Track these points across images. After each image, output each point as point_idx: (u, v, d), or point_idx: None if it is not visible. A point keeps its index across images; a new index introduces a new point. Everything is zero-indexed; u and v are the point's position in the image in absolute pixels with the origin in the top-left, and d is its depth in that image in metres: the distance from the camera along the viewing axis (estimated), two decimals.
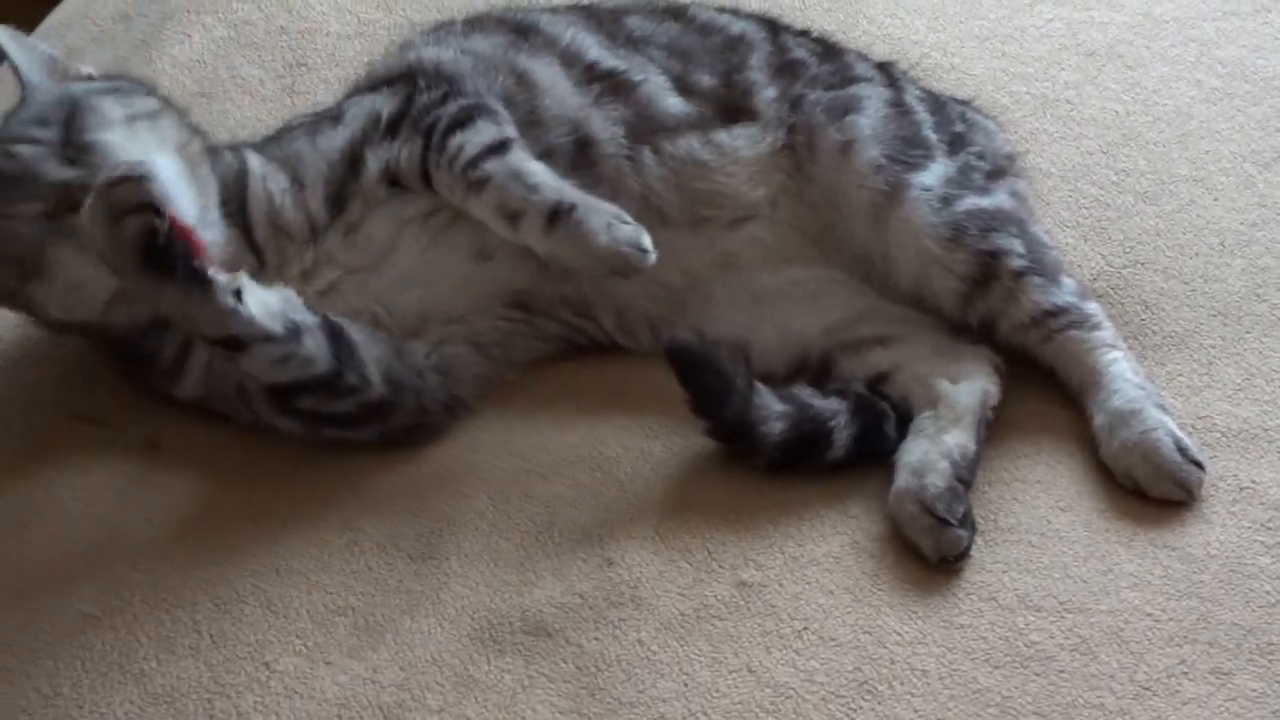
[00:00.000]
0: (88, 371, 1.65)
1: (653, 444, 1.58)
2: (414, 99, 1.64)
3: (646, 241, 1.52)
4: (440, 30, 1.80)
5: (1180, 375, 1.63)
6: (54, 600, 1.45)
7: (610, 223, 1.51)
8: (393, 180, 1.61)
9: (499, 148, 1.56)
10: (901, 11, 2.12)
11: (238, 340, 1.46)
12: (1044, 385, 1.62)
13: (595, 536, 1.49)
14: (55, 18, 2.20)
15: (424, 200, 1.62)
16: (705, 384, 1.51)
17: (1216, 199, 1.83)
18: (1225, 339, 1.67)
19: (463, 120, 1.59)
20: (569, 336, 1.67)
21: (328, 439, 1.55)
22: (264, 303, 1.47)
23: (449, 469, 1.56)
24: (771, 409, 1.53)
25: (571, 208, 1.52)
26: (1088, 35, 2.08)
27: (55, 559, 1.49)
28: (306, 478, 1.55)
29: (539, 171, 1.55)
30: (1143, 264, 1.75)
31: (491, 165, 1.55)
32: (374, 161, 1.61)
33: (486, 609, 1.43)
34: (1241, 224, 1.79)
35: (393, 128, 1.62)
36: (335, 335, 1.51)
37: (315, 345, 1.49)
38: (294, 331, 1.48)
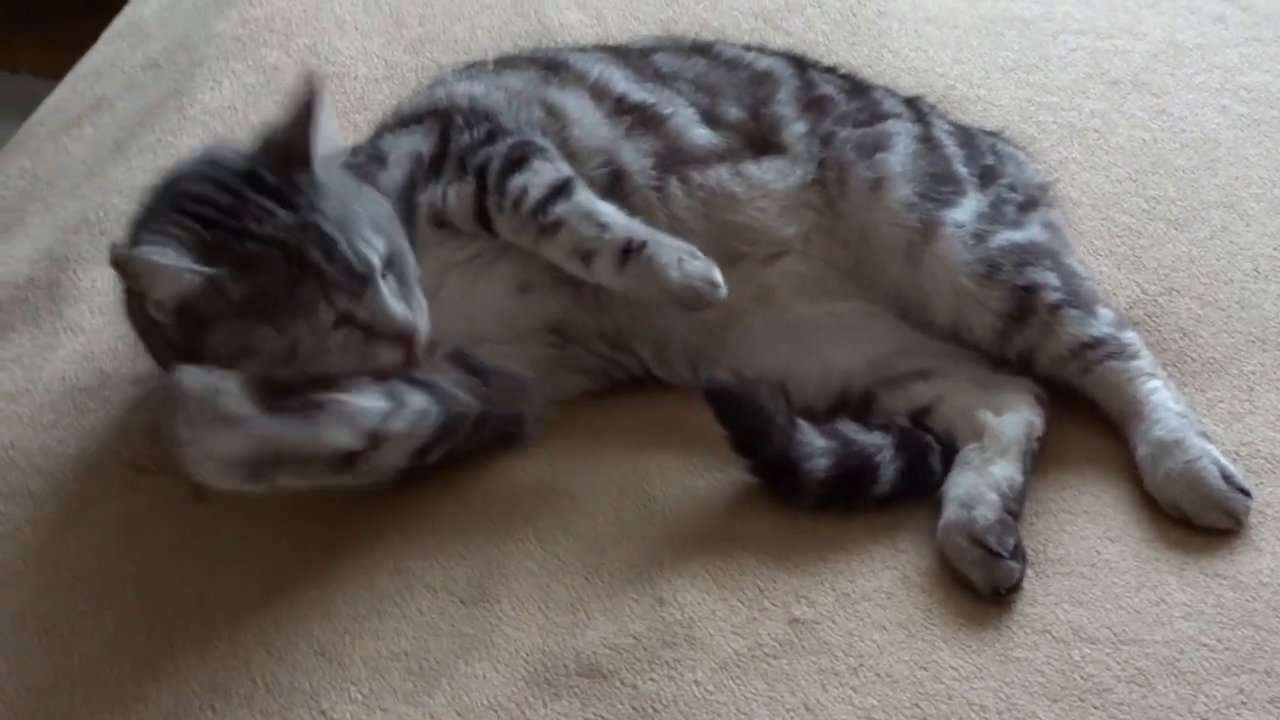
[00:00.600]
0: (140, 423, 1.65)
1: (697, 481, 1.59)
2: (451, 136, 1.64)
3: (717, 276, 1.53)
4: (472, 68, 1.81)
5: (1221, 402, 1.64)
6: (108, 651, 1.45)
7: (681, 258, 1.53)
8: (439, 221, 1.62)
9: (563, 189, 1.57)
10: (925, 45, 2.13)
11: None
12: (1085, 416, 1.62)
13: (645, 576, 1.49)
14: (85, 66, 2.21)
15: (471, 243, 1.62)
16: (745, 423, 1.52)
17: (1248, 225, 1.84)
18: (1265, 365, 1.67)
19: (518, 161, 1.59)
20: (606, 370, 1.67)
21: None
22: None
23: (495, 510, 1.56)
24: (815, 445, 1.53)
25: (643, 245, 1.53)
26: (1111, 64, 2.09)
27: (107, 610, 1.49)
28: (353, 521, 1.55)
29: (608, 211, 1.56)
30: (1178, 291, 1.76)
31: (561, 208, 1.56)
32: (423, 203, 1.61)
33: (540, 651, 1.43)
34: (1275, 249, 1.80)
35: (434, 166, 1.63)
36: (418, 382, 1.52)
37: (420, 400, 1.50)
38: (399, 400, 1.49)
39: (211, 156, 1.59)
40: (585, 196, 1.58)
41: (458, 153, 1.62)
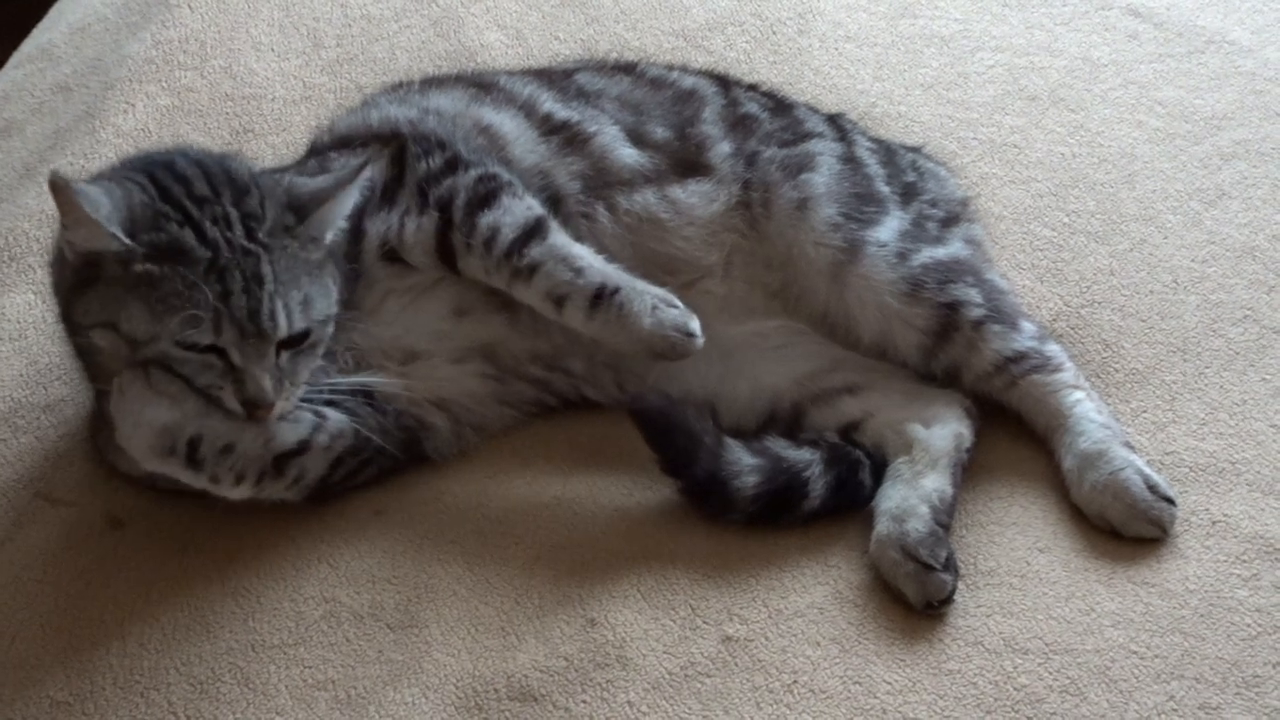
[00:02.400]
0: (53, 451, 1.61)
1: (627, 500, 1.58)
2: (407, 163, 1.61)
3: (695, 326, 1.51)
4: (400, 89, 1.79)
5: (1145, 411, 1.65)
6: (22, 688, 1.41)
7: (656, 305, 1.51)
8: (389, 254, 1.58)
9: (536, 229, 1.55)
10: (846, 62, 2.14)
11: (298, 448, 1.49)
12: (1012, 429, 1.63)
13: (576, 597, 1.48)
14: None
15: (414, 275, 1.59)
16: (673, 443, 1.51)
17: (1166, 237, 1.86)
18: (1186, 374, 1.69)
19: (486, 197, 1.56)
20: (538, 398, 1.65)
21: (325, 495, 1.54)
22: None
23: (423, 535, 1.54)
24: (744, 463, 1.52)
25: (615, 290, 1.51)
26: (1029, 80, 2.11)
27: (21, 644, 1.45)
28: (280, 550, 1.52)
29: (583, 254, 1.54)
30: (1099, 303, 1.77)
31: (537, 251, 1.53)
32: (373, 232, 1.58)
33: (470, 676, 1.41)
34: (1192, 261, 1.82)
35: (387, 195, 1.59)
36: (333, 404, 1.52)
37: (337, 421, 1.51)
38: (320, 414, 1.51)
39: (226, 157, 1.58)
40: (560, 239, 1.55)
41: (416, 182, 1.59)
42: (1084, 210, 1.90)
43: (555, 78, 1.80)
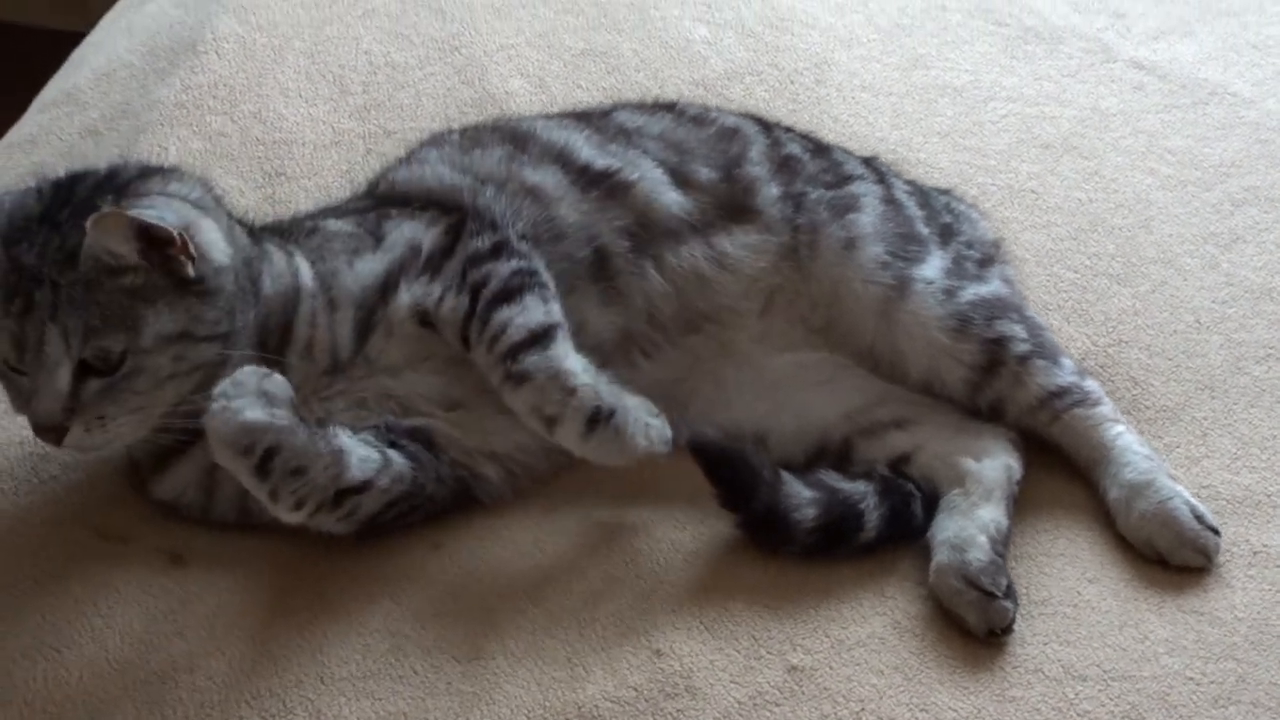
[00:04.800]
0: (106, 487, 1.61)
1: (681, 534, 1.59)
2: (462, 239, 1.62)
3: (669, 434, 1.53)
4: (443, 144, 1.80)
5: (1178, 447, 1.69)
6: None
7: (647, 424, 1.51)
8: (424, 320, 1.59)
9: (543, 336, 1.53)
10: (864, 111, 2.19)
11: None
12: (1051, 462, 1.67)
13: (639, 628, 1.49)
14: (18, 134, 2.16)
15: (451, 347, 1.60)
16: (732, 478, 1.53)
17: (1185, 279, 1.91)
18: (1215, 411, 1.73)
19: (512, 292, 1.56)
20: None
21: (372, 531, 1.54)
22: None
23: (484, 569, 1.55)
24: (801, 496, 1.55)
25: (611, 413, 1.51)
26: (1042, 129, 2.17)
27: (91, 680, 1.44)
28: (340, 585, 1.53)
29: (578, 371, 1.52)
30: (1126, 343, 1.82)
31: (532, 360, 1.52)
32: (406, 294, 1.59)
33: (541, 707, 1.42)
34: (1213, 302, 1.88)
35: (432, 265, 1.61)
36: (397, 445, 1.54)
37: (399, 465, 1.53)
38: (386, 456, 1.52)
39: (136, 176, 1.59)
40: (560, 351, 1.53)
41: (463, 260, 1.60)
42: (1104, 253, 1.95)
43: (593, 117, 1.82)
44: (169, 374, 1.50)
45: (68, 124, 2.15)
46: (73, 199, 1.55)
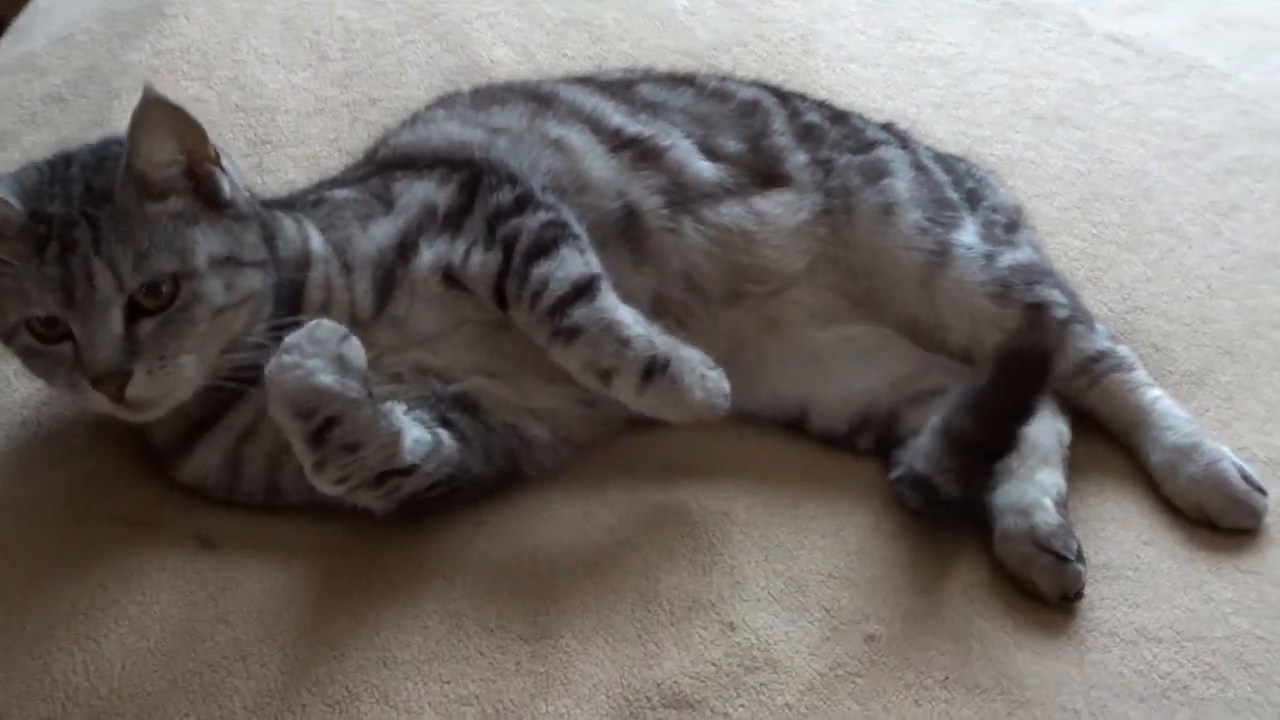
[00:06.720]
0: (127, 471, 1.51)
1: (733, 505, 1.55)
2: (479, 195, 1.55)
3: (727, 387, 1.47)
4: (454, 104, 1.74)
5: (1207, 410, 1.70)
6: (147, 715, 1.31)
7: (703, 374, 1.46)
8: (449, 278, 1.53)
9: (586, 288, 1.48)
10: (855, 82, 2.17)
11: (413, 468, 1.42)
12: (1085, 427, 1.66)
13: (705, 602, 1.44)
14: None
15: (483, 311, 1.54)
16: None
17: (1191, 247, 1.92)
18: (1238, 375, 1.74)
19: (546, 245, 1.50)
20: (629, 414, 1.60)
21: (410, 509, 1.47)
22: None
23: (534, 545, 1.49)
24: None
25: (666, 363, 1.45)
26: (1031, 101, 2.17)
27: (134, 668, 1.35)
28: (387, 565, 1.45)
29: (630, 322, 1.47)
30: (1142, 310, 1.82)
31: (581, 314, 1.46)
32: (429, 252, 1.52)
33: (619, 685, 1.36)
34: (1221, 269, 1.89)
35: (452, 222, 1.54)
36: (448, 423, 1.47)
37: (450, 448, 1.46)
38: (439, 438, 1.45)
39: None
40: (609, 302, 1.47)
41: (486, 215, 1.53)
42: (1109, 222, 1.95)
43: (616, 89, 1.77)
44: (222, 303, 1.43)
45: (26, 90, 2.02)
46: (72, 165, 1.47)
